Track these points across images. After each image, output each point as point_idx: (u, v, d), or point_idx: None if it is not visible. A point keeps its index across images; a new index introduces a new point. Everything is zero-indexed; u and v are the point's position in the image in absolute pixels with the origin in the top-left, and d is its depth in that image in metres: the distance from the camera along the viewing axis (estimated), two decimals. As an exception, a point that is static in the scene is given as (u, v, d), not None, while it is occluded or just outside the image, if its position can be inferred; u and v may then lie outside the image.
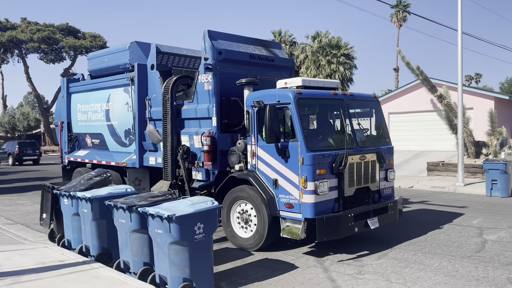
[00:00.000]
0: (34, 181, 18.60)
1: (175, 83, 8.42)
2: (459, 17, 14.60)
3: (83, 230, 6.45)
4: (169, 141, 8.34)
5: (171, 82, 8.41)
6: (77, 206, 6.54)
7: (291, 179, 6.57)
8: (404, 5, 46.71)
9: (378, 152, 7.39)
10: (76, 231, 6.67)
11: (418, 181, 15.55)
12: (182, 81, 8.63)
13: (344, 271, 6.07)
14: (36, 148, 31.61)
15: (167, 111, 8.41)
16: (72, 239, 6.78)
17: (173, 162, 8.33)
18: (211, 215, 5.13)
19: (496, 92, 26.63)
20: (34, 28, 46.56)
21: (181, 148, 8.21)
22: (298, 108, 6.60)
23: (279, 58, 9.23)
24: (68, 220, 6.78)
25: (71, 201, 6.63)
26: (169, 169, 8.35)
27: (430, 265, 6.26)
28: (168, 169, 8.38)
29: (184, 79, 8.66)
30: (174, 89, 8.41)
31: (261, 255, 6.85)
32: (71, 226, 6.73)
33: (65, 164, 11.90)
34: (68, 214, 6.78)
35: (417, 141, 22.11)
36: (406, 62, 19.50)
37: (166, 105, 8.40)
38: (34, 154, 31.14)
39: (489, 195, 12.61)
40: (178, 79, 8.51)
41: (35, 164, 30.76)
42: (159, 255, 5.08)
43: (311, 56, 35.08)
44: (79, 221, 6.55)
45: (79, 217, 6.57)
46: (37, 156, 31.42)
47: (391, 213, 7.46)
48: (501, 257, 6.61)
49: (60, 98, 12.26)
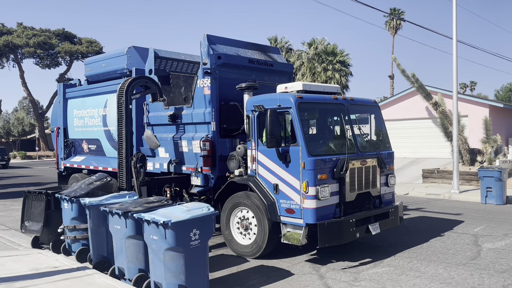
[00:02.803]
0: (28, 186, 18.47)
1: (130, 85, 8.10)
2: (454, 25, 14.74)
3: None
4: (124, 147, 8.03)
5: (126, 84, 8.07)
6: (77, 211, 6.56)
7: (292, 184, 6.56)
8: (398, 13, 47.11)
9: (378, 157, 7.41)
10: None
11: (413, 188, 15.59)
12: (139, 82, 8.32)
13: (340, 278, 6.06)
14: (4, 154, 34.44)
15: (122, 116, 8.07)
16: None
17: (128, 170, 8.00)
18: (207, 222, 5.11)
19: (490, 100, 26.84)
20: (30, 33, 46.52)
21: (134, 156, 8.00)
22: (299, 112, 6.60)
23: (278, 63, 9.27)
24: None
25: (71, 205, 6.65)
26: (124, 177, 8.04)
27: (426, 272, 6.26)
28: (123, 178, 8.06)
29: (141, 80, 8.37)
30: (130, 91, 8.10)
31: (256, 261, 6.82)
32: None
33: (61, 170, 11.84)
34: (67, 218, 6.80)
35: (412, 148, 22.19)
36: (402, 69, 19.61)
37: (121, 108, 8.07)
38: (3, 160, 33.95)
39: (484, 202, 12.65)
40: (134, 81, 8.22)
41: (3, 168, 33.03)
42: (154, 262, 5.05)
43: (307, 63, 35.22)
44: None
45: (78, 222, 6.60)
46: (5, 161, 34.05)
47: (392, 219, 7.46)
48: (496, 264, 6.63)
49: (57, 103, 12.22)
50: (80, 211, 6.58)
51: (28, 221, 7.57)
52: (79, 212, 6.63)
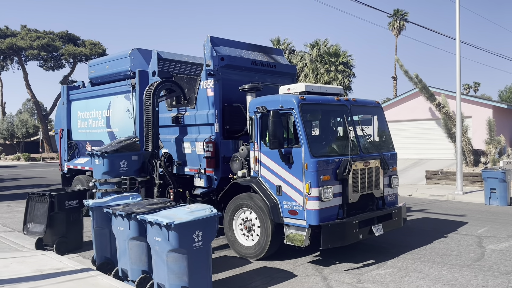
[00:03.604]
0: (31, 188, 18.53)
1: (156, 88, 8.24)
2: (457, 26, 14.71)
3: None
4: (150, 149, 8.13)
5: (152, 87, 8.24)
6: (108, 165, 7.56)
7: (295, 185, 6.55)
8: (402, 14, 47.05)
9: (382, 158, 7.40)
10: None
11: (417, 190, 15.55)
12: (164, 86, 8.46)
13: (343, 279, 6.05)
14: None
15: (149, 117, 8.23)
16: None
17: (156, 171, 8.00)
18: (210, 223, 5.12)
19: (494, 100, 26.76)
20: (33, 35, 46.72)
21: (162, 156, 8.10)
22: (301, 113, 6.60)
23: (281, 65, 9.27)
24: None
25: (102, 160, 7.49)
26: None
27: (430, 274, 6.24)
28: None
29: (167, 84, 8.49)
30: (156, 94, 8.25)
31: (259, 263, 6.82)
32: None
33: (65, 172, 11.88)
34: (99, 173, 7.61)
35: (416, 149, 22.13)
36: (405, 70, 19.57)
37: (148, 111, 8.23)
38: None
39: (488, 203, 12.60)
40: (160, 84, 8.35)
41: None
42: (158, 263, 5.06)
43: (310, 64, 35.23)
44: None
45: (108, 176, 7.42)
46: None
47: (395, 220, 7.44)
48: (500, 266, 6.60)
49: (60, 105, 12.27)
50: (111, 167, 7.50)
51: (31, 223, 7.61)
52: (109, 167, 7.46)
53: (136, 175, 7.77)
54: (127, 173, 7.66)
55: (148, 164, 7.99)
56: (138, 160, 7.84)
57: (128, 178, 7.59)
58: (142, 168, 7.92)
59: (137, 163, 7.83)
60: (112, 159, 7.49)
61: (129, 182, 7.59)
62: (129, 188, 7.55)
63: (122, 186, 7.54)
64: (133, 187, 7.66)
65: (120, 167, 7.56)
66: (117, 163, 7.55)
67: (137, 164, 7.83)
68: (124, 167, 7.59)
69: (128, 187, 7.55)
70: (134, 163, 7.77)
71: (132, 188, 7.64)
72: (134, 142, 8.06)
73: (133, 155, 7.78)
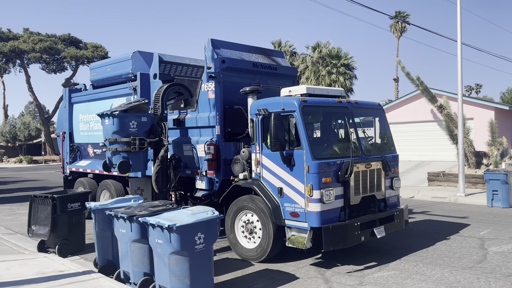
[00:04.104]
0: (34, 190, 18.56)
1: (165, 91, 8.23)
2: (458, 28, 14.70)
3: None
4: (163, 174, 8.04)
5: (161, 90, 8.23)
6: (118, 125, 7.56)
7: (296, 188, 6.55)
8: (403, 16, 47.05)
9: (383, 160, 7.40)
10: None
11: (419, 191, 15.52)
12: (173, 89, 8.45)
13: (345, 282, 6.04)
14: None
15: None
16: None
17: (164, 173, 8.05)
18: (212, 225, 5.13)
19: (496, 102, 26.71)
20: (36, 38, 46.86)
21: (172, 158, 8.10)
22: (303, 115, 6.61)
23: (282, 67, 9.29)
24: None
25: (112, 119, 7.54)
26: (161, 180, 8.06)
27: (432, 276, 6.23)
28: (160, 181, 8.07)
29: (176, 87, 8.49)
30: (165, 97, 8.26)
31: (261, 265, 6.82)
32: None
33: (67, 175, 11.91)
34: (109, 132, 7.66)
35: (418, 151, 22.09)
36: (406, 72, 19.56)
37: (157, 113, 8.18)
38: None
39: (490, 205, 12.57)
40: (169, 87, 8.34)
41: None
42: (160, 266, 5.07)
43: (311, 66, 35.25)
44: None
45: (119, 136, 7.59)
46: None
47: (397, 222, 7.43)
48: (503, 268, 6.58)
49: (62, 108, 12.31)
50: (121, 127, 7.54)
51: (35, 225, 7.64)
52: (119, 126, 7.51)
53: (145, 136, 7.83)
54: (137, 133, 7.70)
55: (157, 127, 8.05)
56: (147, 121, 7.91)
57: (137, 139, 7.63)
58: (151, 130, 7.97)
59: (146, 125, 7.89)
60: (122, 119, 7.56)
61: (139, 142, 7.64)
62: (138, 148, 7.61)
63: (132, 146, 7.59)
64: (142, 147, 7.72)
65: (129, 127, 7.62)
66: (127, 123, 7.60)
67: (146, 126, 7.89)
68: (133, 127, 7.66)
69: (138, 147, 7.60)
70: (144, 124, 7.83)
71: (141, 149, 7.71)
72: (142, 104, 8.12)
73: (142, 116, 7.86)
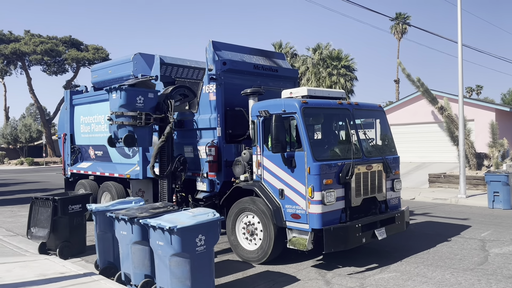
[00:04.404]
0: (35, 192, 18.56)
1: (171, 93, 8.29)
2: (459, 29, 14.71)
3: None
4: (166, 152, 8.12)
5: (167, 91, 8.29)
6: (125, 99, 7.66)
7: (297, 189, 6.55)
8: (404, 17, 47.11)
9: (384, 162, 7.40)
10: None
11: (420, 193, 15.51)
12: (178, 91, 8.50)
13: (346, 284, 6.04)
14: None
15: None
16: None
17: (169, 174, 8.10)
18: (213, 227, 5.13)
19: (497, 104, 26.71)
20: (37, 40, 46.99)
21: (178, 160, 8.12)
22: (304, 117, 6.62)
23: (283, 69, 9.30)
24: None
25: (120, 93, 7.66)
26: (166, 182, 8.15)
27: (433, 278, 6.22)
28: (165, 182, 8.17)
29: (181, 89, 8.54)
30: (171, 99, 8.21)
31: (262, 267, 6.82)
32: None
33: (68, 176, 11.92)
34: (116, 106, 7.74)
35: (419, 152, 22.08)
36: (407, 74, 19.56)
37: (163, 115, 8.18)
38: None
39: (491, 207, 12.56)
40: (174, 89, 8.38)
41: None
42: (160, 267, 5.07)
43: (312, 68, 35.31)
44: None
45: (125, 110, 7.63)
46: None
47: (398, 224, 7.42)
48: (504, 269, 6.57)
49: (63, 110, 12.32)
50: (128, 100, 7.63)
51: (35, 227, 7.64)
52: (126, 100, 7.61)
53: (151, 112, 7.91)
54: (143, 109, 7.79)
55: (163, 104, 8.10)
56: (153, 98, 8.01)
57: (144, 113, 7.72)
58: (157, 107, 8.06)
59: (153, 101, 7.99)
60: (130, 93, 7.67)
61: (145, 117, 7.73)
62: (144, 122, 7.69)
63: (138, 121, 7.67)
64: (148, 122, 7.80)
65: (136, 102, 7.71)
66: (134, 97, 7.70)
67: (152, 102, 7.99)
68: (140, 102, 7.76)
69: (144, 121, 7.68)
70: (150, 100, 7.93)
71: (147, 124, 7.80)
72: (149, 80, 8.25)
73: (149, 93, 7.95)
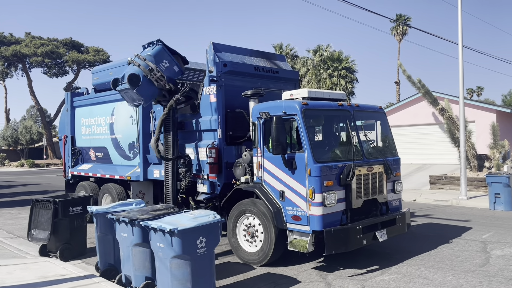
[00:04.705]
0: (35, 194, 18.58)
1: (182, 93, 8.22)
2: (459, 31, 14.71)
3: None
4: (170, 154, 8.22)
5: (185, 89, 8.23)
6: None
7: (298, 191, 6.55)
8: (404, 19, 47.11)
9: (385, 164, 7.39)
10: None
11: (420, 195, 15.49)
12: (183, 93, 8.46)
13: (347, 286, 6.02)
14: None
15: (169, 124, 8.26)
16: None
17: (174, 175, 8.21)
18: (214, 229, 5.12)
19: (498, 105, 26.68)
20: (38, 42, 47.09)
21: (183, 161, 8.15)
22: (304, 119, 6.62)
23: (284, 70, 9.30)
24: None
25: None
26: (171, 183, 8.26)
27: (434, 280, 6.20)
28: (170, 183, 8.28)
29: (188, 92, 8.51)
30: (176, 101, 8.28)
31: (263, 269, 6.81)
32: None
33: (69, 178, 11.92)
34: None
35: (419, 154, 22.06)
36: (408, 75, 19.57)
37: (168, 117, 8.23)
38: None
39: (493, 208, 12.53)
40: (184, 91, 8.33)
41: None
42: (161, 270, 5.06)
43: (312, 69, 35.34)
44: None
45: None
46: None
47: (399, 225, 7.41)
48: (505, 271, 6.55)
49: (64, 112, 12.33)
50: (157, 55, 7.84)
51: (35, 229, 7.63)
52: (156, 54, 7.84)
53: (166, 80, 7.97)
54: (163, 71, 7.88)
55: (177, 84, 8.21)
56: (175, 72, 8.17)
57: (160, 72, 7.80)
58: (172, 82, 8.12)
59: (173, 73, 8.14)
60: (162, 51, 7.97)
61: (159, 75, 7.78)
62: (156, 79, 7.73)
63: (152, 73, 7.72)
64: (158, 82, 7.82)
65: (162, 62, 7.91)
66: (163, 56, 7.92)
67: (172, 73, 8.12)
68: (164, 64, 7.96)
69: (156, 78, 7.74)
70: (172, 71, 8.10)
71: (157, 82, 7.81)
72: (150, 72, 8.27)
73: (176, 65, 8.14)
